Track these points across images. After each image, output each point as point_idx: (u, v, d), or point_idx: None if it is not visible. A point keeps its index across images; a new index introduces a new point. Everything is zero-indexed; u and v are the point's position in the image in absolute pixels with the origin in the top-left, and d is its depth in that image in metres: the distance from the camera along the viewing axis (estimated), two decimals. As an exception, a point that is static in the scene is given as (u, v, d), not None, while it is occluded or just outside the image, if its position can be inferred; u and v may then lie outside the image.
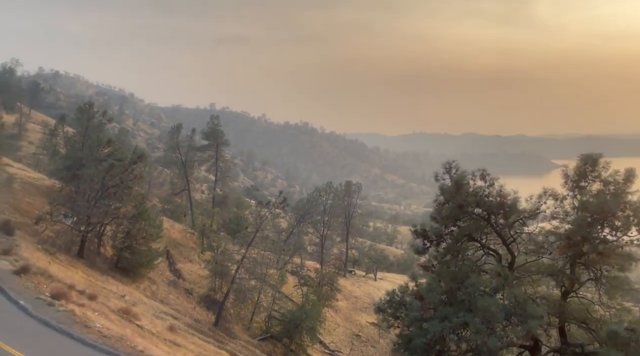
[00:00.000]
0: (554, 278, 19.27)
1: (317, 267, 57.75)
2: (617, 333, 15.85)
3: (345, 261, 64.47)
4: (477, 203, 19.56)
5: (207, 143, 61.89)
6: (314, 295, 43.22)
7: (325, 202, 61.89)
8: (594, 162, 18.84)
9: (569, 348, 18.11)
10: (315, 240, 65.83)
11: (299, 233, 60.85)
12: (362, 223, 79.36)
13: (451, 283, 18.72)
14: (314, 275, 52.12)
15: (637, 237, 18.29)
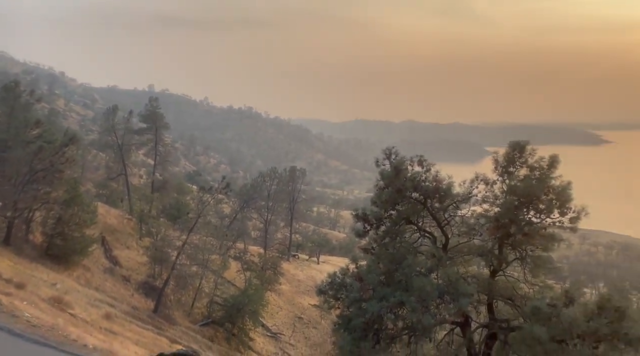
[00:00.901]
0: (484, 258, 20.40)
1: (260, 252, 57.74)
2: (540, 309, 17.05)
3: (289, 245, 64.85)
4: (415, 188, 20.27)
5: (146, 126, 59.75)
6: (257, 280, 43.28)
7: (270, 188, 61.73)
8: (522, 149, 19.98)
9: (496, 324, 19.30)
10: (259, 225, 65.68)
11: (242, 218, 60.43)
12: (306, 208, 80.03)
13: (389, 265, 19.38)
14: (257, 260, 52.11)
15: (559, 219, 19.63)
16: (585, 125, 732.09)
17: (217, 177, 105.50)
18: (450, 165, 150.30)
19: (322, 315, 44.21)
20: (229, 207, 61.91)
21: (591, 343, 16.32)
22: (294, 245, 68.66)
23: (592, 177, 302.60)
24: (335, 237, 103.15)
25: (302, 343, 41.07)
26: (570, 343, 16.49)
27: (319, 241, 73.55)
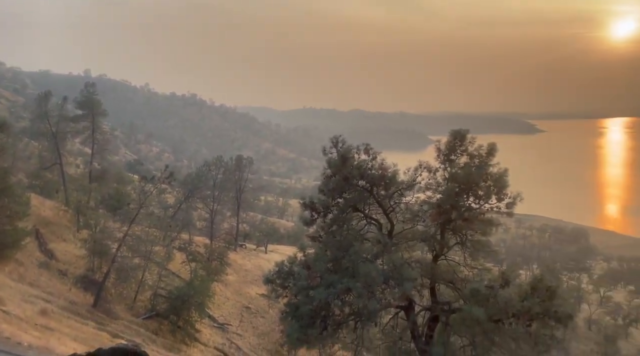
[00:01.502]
0: (427, 243, 21.06)
1: (206, 242, 56.76)
2: (479, 291, 17.85)
3: (235, 235, 64.14)
4: (361, 176, 20.55)
5: (82, 113, 56.76)
6: (203, 271, 42.56)
7: (215, 177, 60.54)
8: (462, 138, 20.67)
9: (438, 306, 20.02)
10: (204, 215, 64.42)
11: (187, 208, 59.01)
12: (254, 198, 79.27)
13: (337, 252, 19.60)
14: (203, 251, 51.21)
15: (496, 205, 20.53)
16: (522, 115, 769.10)
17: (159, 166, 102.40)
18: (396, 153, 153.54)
19: (270, 304, 44.18)
20: (173, 197, 60.28)
21: (525, 321, 17.28)
22: (241, 234, 68.00)
23: (527, 164, 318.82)
24: (284, 226, 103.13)
25: (250, 333, 40.94)
26: (506, 322, 17.38)
27: (267, 230, 73.25)
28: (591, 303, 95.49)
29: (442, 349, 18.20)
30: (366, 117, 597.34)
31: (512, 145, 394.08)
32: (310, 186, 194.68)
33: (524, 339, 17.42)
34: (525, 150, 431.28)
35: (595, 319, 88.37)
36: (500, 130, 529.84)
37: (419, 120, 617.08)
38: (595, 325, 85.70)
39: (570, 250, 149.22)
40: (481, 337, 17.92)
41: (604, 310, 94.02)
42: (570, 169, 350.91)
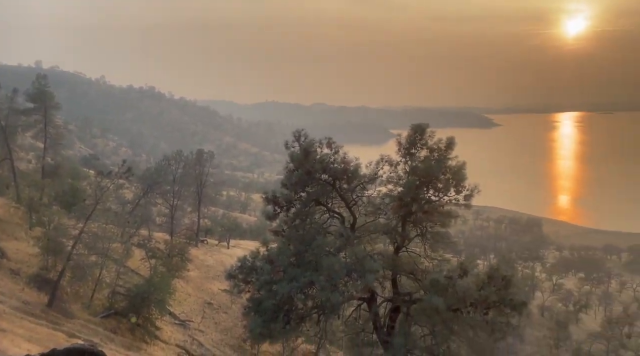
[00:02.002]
0: (389, 235, 21.38)
1: (166, 238, 55.65)
2: (438, 281, 18.28)
3: (197, 231, 63.15)
4: (324, 170, 20.61)
5: (33, 106, 54.34)
6: (163, 267, 41.74)
7: (175, 171, 59.28)
8: (422, 131, 21.05)
9: (399, 297, 20.40)
10: (164, 210, 63.01)
11: (146, 204, 57.58)
12: (215, 192, 78.17)
13: (300, 246, 19.62)
14: (163, 247, 50.17)
15: (455, 197, 21.04)
16: (479, 109, 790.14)
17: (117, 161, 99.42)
18: (358, 147, 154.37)
19: (232, 299, 43.81)
20: (131, 193, 58.71)
21: (482, 309, 17.84)
22: (203, 230, 67.02)
23: (484, 157, 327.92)
24: (246, 221, 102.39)
25: (212, 329, 40.51)
26: (464, 311, 17.90)
27: (229, 225, 72.46)
28: (544, 290, 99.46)
29: (403, 339, 18.56)
30: (329, 111, 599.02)
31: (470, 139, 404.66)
32: (273, 180, 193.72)
33: (481, 327, 18.00)
34: (483, 143, 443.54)
35: (548, 306, 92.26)
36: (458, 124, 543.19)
37: (381, 114, 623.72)
38: (548, 312, 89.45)
39: (525, 240, 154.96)
40: (440, 326, 18.40)
41: (556, 297, 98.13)
42: (525, 162, 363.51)
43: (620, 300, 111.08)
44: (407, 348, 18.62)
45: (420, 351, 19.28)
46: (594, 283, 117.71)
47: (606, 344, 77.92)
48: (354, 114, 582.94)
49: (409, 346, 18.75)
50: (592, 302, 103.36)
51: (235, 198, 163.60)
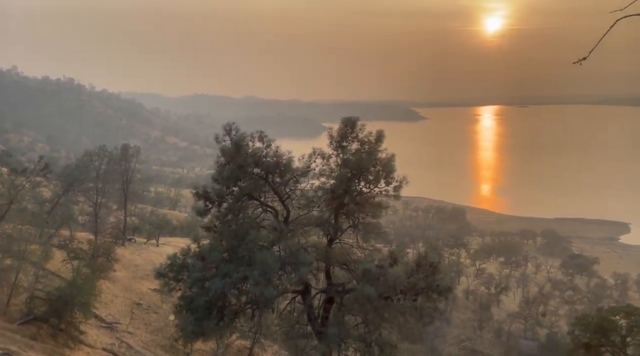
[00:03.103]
0: (322, 227, 21.63)
1: (90, 238, 52.80)
2: (370, 270, 18.76)
3: (123, 229, 60.46)
4: (256, 164, 20.41)
5: None
6: (87, 268, 39.60)
7: (99, 168, 56.27)
8: (353, 125, 21.43)
9: (333, 288, 20.73)
10: (87, 209, 59.68)
11: (66, 202, 54.27)
12: (143, 189, 75.30)
13: (232, 241, 19.34)
14: (87, 247, 47.55)
15: (385, 188, 21.64)
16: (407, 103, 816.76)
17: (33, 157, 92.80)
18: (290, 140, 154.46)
19: (163, 298, 42.46)
20: (50, 191, 55.09)
21: (411, 296, 18.56)
22: (130, 228, 64.31)
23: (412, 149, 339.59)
24: (176, 217, 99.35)
25: (142, 330, 39.07)
26: (395, 298, 18.52)
27: (158, 223, 69.99)
28: (469, 275, 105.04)
29: (337, 329, 18.89)
30: (260, 104, 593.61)
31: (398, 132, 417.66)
32: (204, 175, 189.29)
33: (410, 313, 18.72)
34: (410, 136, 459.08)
35: (472, 290, 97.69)
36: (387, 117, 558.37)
37: (312, 107, 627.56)
38: (472, 295, 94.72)
39: (451, 228, 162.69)
40: (372, 314, 18.93)
41: (479, 281, 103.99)
42: (450, 153, 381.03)
43: (535, 281, 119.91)
44: (340, 338, 18.98)
45: (353, 339, 19.73)
46: (513, 267, 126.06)
47: (524, 323, 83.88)
48: (286, 107, 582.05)
49: (343, 335, 19.13)
50: (512, 284, 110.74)
51: (164, 194, 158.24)
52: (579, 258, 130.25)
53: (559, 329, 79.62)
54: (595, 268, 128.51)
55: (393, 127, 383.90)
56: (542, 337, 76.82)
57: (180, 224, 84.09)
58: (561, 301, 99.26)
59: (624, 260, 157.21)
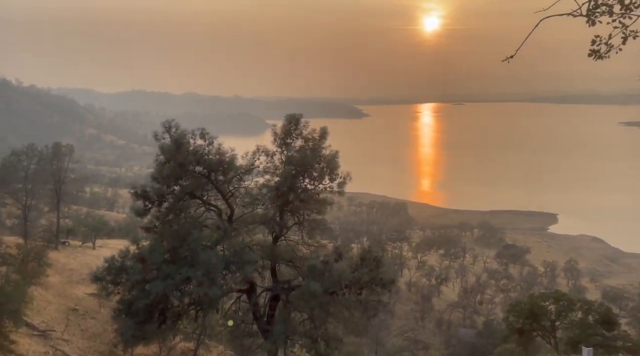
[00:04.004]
0: (267, 225, 21.50)
1: (20, 242, 49.64)
2: (315, 266, 18.87)
3: (56, 232, 57.32)
4: (198, 162, 19.96)
5: None
6: (17, 274, 37.21)
7: (28, 168, 52.98)
8: (297, 122, 21.42)
9: (278, 285, 20.67)
10: (16, 212, 56.09)
11: (-9, 205, 50.79)
12: (77, 189, 71.66)
13: (174, 242, 18.82)
14: (16, 252, 44.68)
15: (329, 185, 21.81)
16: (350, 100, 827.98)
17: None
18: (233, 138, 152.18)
19: (101, 303, 40.68)
20: (-27, 193, 51.29)
21: (356, 290, 18.86)
22: (64, 231, 61.03)
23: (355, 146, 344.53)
24: (114, 219, 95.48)
25: (79, 337, 37.24)
26: (340, 293, 18.74)
27: (94, 224, 66.87)
28: (411, 268, 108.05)
29: (283, 326, 18.87)
30: (201, 101, 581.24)
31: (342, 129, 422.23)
32: (144, 174, 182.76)
33: (355, 306, 19.02)
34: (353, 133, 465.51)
35: (414, 282, 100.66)
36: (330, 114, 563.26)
37: (255, 104, 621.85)
38: (414, 287, 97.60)
39: (394, 222, 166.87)
40: (318, 310, 19.06)
41: (421, 273, 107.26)
42: (392, 150, 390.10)
43: (473, 272, 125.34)
44: (286, 335, 18.97)
45: (299, 336, 19.78)
46: (452, 258, 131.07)
47: (463, 311, 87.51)
48: (228, 104, 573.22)
49: (289, 332, 19.13)
50: (451, 275, 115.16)
51: (100, 194, 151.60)
52: (512, 248, 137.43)
53: (495, 316, 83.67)
54: (527, 257, 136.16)
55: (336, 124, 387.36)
56: (480, 325, 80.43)
57: (119, 225, 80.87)
58: (497, 290, 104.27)
59: (552, 249, 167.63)
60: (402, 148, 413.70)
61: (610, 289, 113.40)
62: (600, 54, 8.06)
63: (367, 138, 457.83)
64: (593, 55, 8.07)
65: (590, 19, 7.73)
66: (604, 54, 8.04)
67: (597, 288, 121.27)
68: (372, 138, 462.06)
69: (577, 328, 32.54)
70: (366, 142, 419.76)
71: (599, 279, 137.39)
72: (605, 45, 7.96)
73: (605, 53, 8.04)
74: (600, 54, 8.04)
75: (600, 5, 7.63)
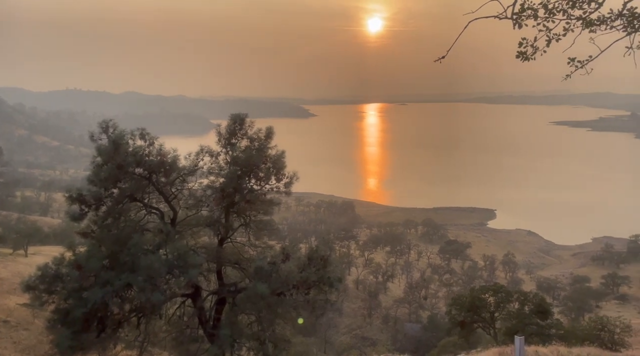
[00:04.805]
0: (212, 227, 21.04)
1: (-60, 252, 46.05)
2: (262, 268, 18.66)
3: (-17, 240, 53.67)
4: (138, 163, 19.24)
5: None
6: (-62, 287, 34.47)
7: (-52, 171, 49.30)
8: (242, 121, 21.10)
9: (225, 288, 20.29)
10: None
11: None
12: (7, 194, 67.36)
13: (113, 247, 18.03)
14: (-64, 263, 41.41)
15: (276, 185, 21.63)
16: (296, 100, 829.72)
17: None
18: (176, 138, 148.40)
19: (34, 313, 38.45)
20: None
21: (304, 290, 18.83)
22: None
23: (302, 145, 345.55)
24: (48, 224, 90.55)
25: (10, 350, 35.02)
26: (288, 293, 18.65)
27: (26, 230, 63.15)
28: (358, 265, 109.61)
29: (229, 329, 18.53)
30: (143, 101, 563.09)
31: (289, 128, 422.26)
32: (80, 177, 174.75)
33: (303, 307, 18.97)
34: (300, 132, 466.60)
35: (362, 279, 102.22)
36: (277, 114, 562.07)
37: (200, 104, 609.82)
38: (361, 285, 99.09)
39: (341, 221, 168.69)
40: (266, 311, 18.87)
41: (368, 270, 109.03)
42: (339, 149, 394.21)
43: (418, 268, 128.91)
44: (233, 338, 18.65)
45: (246, 338, 19.51)
46: (398, 255, 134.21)
47: (408, 307, 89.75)
48: (171, 104, 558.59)
49: (235, 335, 18.82)
50: (397, 272, 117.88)
51: (33, 199, 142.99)
52: (454, 244, 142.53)
53: (438, 310, 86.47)
54: (468, 251, 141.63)
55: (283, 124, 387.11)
56: (425, 319, 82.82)
57: (53, 231, 76.77)
58: (440, 285, 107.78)
59: (491, 243, 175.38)
60: (349, 147, 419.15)
61: (544, 280, 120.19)
62: (527, 56, 8.48)
63: (314, 138, 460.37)
64: (520, 56, 8.48)
65: (517, 22, 8.10)
66: (530, 55, 8.45)
67: (532, 280, 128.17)
68: (319, 138, 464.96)
69: (514, 319, 34.16)
70: (313, 142, 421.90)
71: (533, 271, 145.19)
72: (531, 48, 8.38)
73: (532, 55, 8.45)
74: (527, 55, 8.45)
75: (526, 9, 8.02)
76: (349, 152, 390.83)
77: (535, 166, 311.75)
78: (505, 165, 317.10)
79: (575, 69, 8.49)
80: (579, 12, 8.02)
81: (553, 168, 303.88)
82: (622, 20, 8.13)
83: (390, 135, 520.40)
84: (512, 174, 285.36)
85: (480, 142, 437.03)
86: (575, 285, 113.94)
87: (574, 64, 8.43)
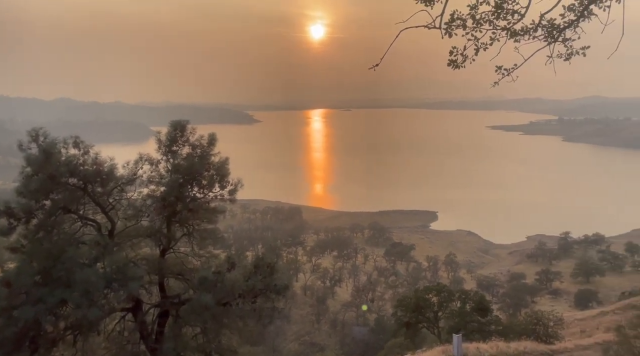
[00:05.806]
0: (153, 238, 20.36)
1: None
2: (206, 278, 18.25)
3: None
4: (72, 173, 18.34)
5: None
6: None
7: None
8: (183, 128, 20.60)
9: (167, 301, 19.67)
10: None
11: None
12: None
13: (46, 261, 17.04)
14: None
15: (220, 193, 21.25)
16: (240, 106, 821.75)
17: None
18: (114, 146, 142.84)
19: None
20: None
21: (250, 299, 18.58)
22: None
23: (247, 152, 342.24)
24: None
25: None
26: (234, 303, 18.34)
27: (-51, 246, 58.45)
28: (306, 271, 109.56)
29: (172, 343, 17.98)
30: (77, 107, 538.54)
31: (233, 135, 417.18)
32: (9, 189, 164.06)
33: (249, 315, 18.72)
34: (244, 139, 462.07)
35: (310, 285, 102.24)
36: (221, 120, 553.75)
37: (138, 110, 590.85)
38: (309, 290, 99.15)
39: (288, 228, 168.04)
40: (211, 322, 18.46)
41: (315, 276, 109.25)
42: (284, 155, 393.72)
43: (365, 271, 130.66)
44: (177, 351, 18.10)
45: (192, 351, 19.00)
46: (345, 259, 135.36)
47: (356, 310, 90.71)
48: (107, 110, 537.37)
49: (180, 348, 18.28)
50: (344, 276, 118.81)
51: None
52: (399, 246, 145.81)
53: (385, 312, 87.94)
54: (412, 253, 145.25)
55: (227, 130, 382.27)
56: (372, 322, 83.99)
57: (-20, 247, 71.52)
58: (386, 287, 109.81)
59: (434, 244, 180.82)
60: (294, 153, 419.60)
61: (483, 278, 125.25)
62: (458, 64, 8.88)
63: (259, 144, 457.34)
64: (451, 64, 8.88)
65: (447, 32, 8.48)
66: (460, 63, 8.86)
67: (473, 278, 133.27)
68: (263, 144, 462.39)
69: (457, 317, 35.36)
70: (258, 148, 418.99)
71: (474, 270, 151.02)
72: (461, 56, 8.79)
73: (462, 63, 8.86)
74: (457, 63, 8.85)
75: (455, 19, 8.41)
76: (295, 158, 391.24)
77: (474, 168, 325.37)
78: (446, 168, 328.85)
79: (502, 76, 9.06)
80: (504, 23, 8.53)
81: (490, 170, 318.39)
82: (543, 31, 8.70)
83: (334, 141, 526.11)
84: (452, 177, 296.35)
85: (422, 146, 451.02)
86: (512, 282, 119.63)
87: (500, 71, 9.00)
